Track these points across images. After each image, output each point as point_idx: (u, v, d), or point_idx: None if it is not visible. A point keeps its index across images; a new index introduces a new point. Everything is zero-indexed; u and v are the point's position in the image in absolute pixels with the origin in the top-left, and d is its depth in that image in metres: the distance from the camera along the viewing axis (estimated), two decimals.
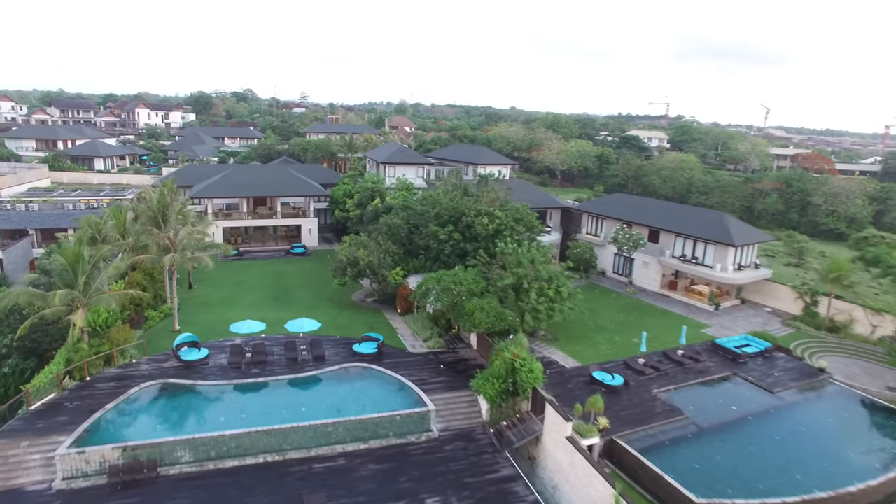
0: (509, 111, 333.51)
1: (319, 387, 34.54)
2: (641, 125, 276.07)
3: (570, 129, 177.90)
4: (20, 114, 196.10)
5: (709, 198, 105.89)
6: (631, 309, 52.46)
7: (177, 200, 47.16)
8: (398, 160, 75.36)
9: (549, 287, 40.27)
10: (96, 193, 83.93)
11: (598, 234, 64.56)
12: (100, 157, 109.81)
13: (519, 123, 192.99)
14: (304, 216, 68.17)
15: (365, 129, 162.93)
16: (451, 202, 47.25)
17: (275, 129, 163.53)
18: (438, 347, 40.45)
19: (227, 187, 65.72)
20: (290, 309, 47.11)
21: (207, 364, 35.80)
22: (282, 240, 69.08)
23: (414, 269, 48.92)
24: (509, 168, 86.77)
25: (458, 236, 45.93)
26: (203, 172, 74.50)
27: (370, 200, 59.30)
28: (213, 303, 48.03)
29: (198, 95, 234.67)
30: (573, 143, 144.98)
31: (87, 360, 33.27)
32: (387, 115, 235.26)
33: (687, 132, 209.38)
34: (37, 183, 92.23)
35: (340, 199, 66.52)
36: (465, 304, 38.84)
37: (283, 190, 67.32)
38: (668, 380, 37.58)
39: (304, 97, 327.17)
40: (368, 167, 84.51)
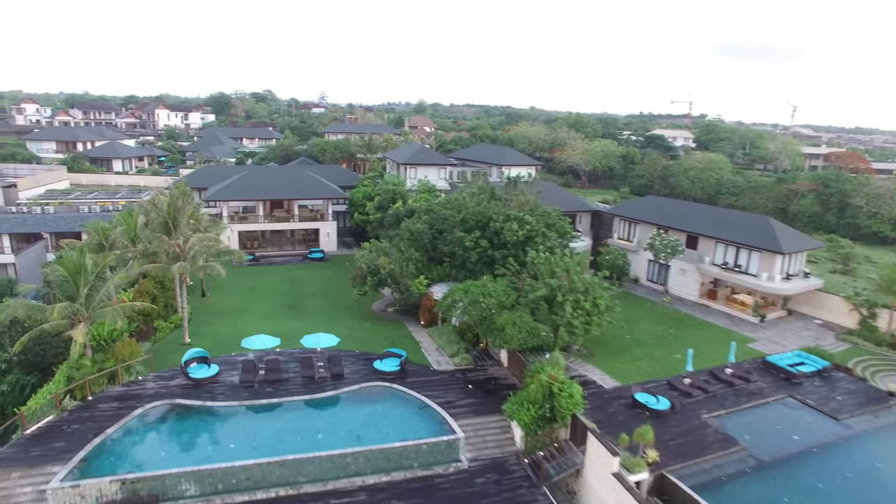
0: (529, 111, 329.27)
1: (337, 409, 31.78)
2: (665, 124, 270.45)
3: (593, 128, 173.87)
4: (44, 116, 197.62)
5: (739, 199, 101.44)
6: (669, 320, 48.98)
7: (189, 204, 44.92)
8: (419, 161, 72.54)
9: (586, 299, 37.12)
10: (112, 195, 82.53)
11: (631, 240, 61.06)
12: (118, 158, 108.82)
13: (540, 123, 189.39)
14: (323, 219, 65.70)
15: (384, 128, 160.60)
16: (477, 206, 44.23)
17: (293, 129, 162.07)
18: (466, 364, 37.48)
19: (242, 190, 63.50)
20: (307, 319, 44.55)
21: (217, 382, 33.26)
22: (299, 244, 66.69)
23: (438, 277, 46.02)
24: (534, 169, 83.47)
25: (485, 243, 42.93)
26: (219, 174, 72.49)
27: (391, 204, 56.56)
28: (225, 312, 45.63)
29: (217, 96, 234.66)
30: (597, 142, 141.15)
31: (90, 377, 30.93)
32: (406, 114, 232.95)
33: (713, 131, 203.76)
34: (55, 185, 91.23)
35: (360, 202, 63.92)
36: (494, 318, 35.84)
37: (300, 192, 64.92)
38: (718, 403, 34.14)
39: (322, 97, 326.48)
40: (388, 168, 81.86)
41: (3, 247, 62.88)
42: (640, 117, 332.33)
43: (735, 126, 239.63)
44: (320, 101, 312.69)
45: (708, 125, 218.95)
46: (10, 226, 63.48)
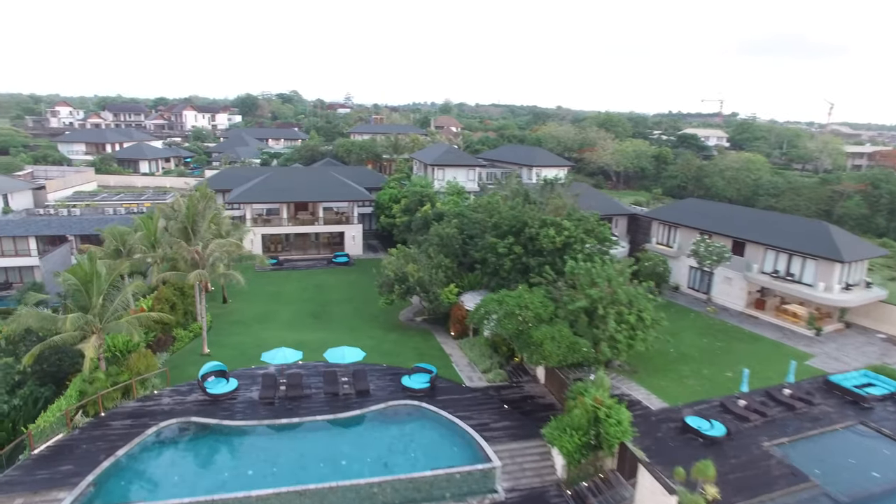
0: (555, 110, 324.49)
1: (363, 430, 29.51)
2: (695, 123, 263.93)
3: (623, 128, 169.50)
4: (77, 118, 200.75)
5: (779, 201, 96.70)
6: (715, 332, 45.68)
7: (210, 208, 43.28)
8: (448, 162, 70.14)
9: (630, 312, 34.26)
10: (138, 197, 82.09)
11: (671, 245, 57.72)
12: (145, 159, 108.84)
13: (567, 122, 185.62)
14: (348, 222, 63.75)
15: (410, 129, 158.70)
16: (511, 210, 41.62)
17: (319, 129, 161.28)
18: (500, 381, 34.92)
19: (266, 192, 61.92)
20: (331, 328, 42.51)
21: (236, 398, 31.30)
22: (324, 247, 64.87)
23: (469, 285, 43.56)
24: (565, 170, 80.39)
25: (519, 249, 40.30)
26: (243, 175, 71.17)
27: (419, 206, 54.29)
28: (247, 320, 43.86)
29: (244, 97, 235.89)
30: (628, 142, 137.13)
31: (103, 392, 29.23)
32: (432, 115, 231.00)
33: (747, 130, 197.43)
34: (83, 186, 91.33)
35: (386, 205, 61.81)
36: (531, 333, 33.21)
37: (325, 194, 63.09)
38: (780, 429, 30.90)
39: (348, 98, 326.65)
40: (415, 169, 79.69)
41: (30, 249, 62.50)
42: (669, 116, 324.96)
43: (770, 124, 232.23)
44: (346, 102, 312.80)
45: (742, 124, 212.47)
46: (37, 228, 63.07)
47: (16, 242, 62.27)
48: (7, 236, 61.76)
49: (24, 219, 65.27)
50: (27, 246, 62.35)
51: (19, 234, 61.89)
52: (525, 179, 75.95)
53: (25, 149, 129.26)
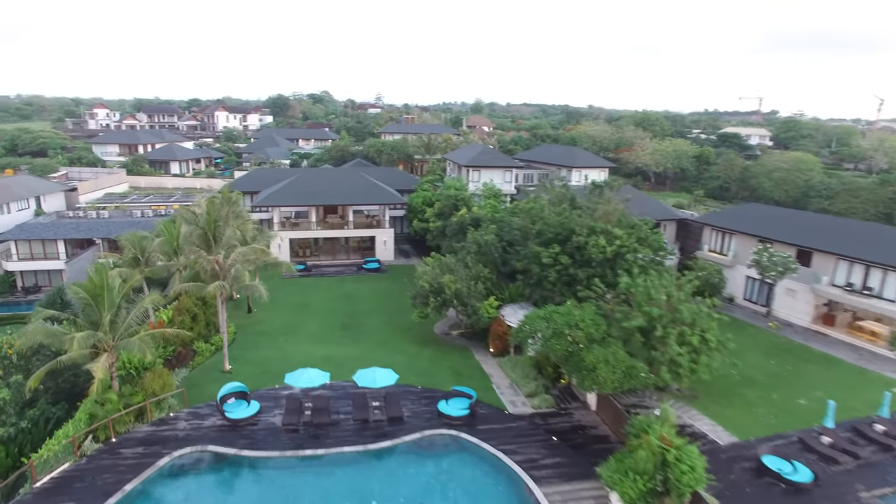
0: (587, 109, 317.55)
1: (395, 464, 26.41)
2: (734, 122, 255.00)
3: (661, 126, 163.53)
4: (113, 120, 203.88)
5: (833, 203, 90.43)
6: (780, 351, 41.34)
7: (234, 212, 40.87)
8: (483, 163, 66.74)
9: (692, 332, 30.42)
10: (167, 199, 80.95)
11: (725, 253, 53.30)
12: (175, 160, 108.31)
13: (601, 121, 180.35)
14: (379, 226, 60.92)
15: (442, 128, 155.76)
16: (557, 217, 38.05)
17: (349, 129, 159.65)
18: (546, 407, 31.45)
19: (294, 194, 59.52)
20: (361, 342, 39.63)
21: (258, 423, 28.58)
22: (353, 252, 62.18)
23: (509, 296, 40.18)
24: (606, 171, 76.27)
25: (565, 259, 36.73)
26: (272, 177, 69.03)
27: (453, 211, 51.08)
28: (272, 332, 41.30)
29: (276, 98, 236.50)
30: (668, 142, 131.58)
31: (115, 416, 26.82)
32: (463, 114, 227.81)
33: (793, 128, 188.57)
34: (114, 188, 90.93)
35: (419, 208, 58.79)
36: (583, 355, 29.66)
37: (355, 197, 60.38)
38: (878, 475, 26.69)
39: (379, 98, 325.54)
40: (449, 171, 76.56)
41: (59, 252, 61.50)
42: (706, 115, 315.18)
43: (817, 122, 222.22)
44: (377, 102, 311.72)
45: (787, 122, 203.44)
46: (65, 231, 62.03)
47: (45, 245, 61.33)
48: (36, 239, 60.86)
49: (54, 221, 64.35)
50: (56, 249, 61.36)
51: (48, 238, 60.92)
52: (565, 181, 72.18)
53: (63, 150, 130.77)
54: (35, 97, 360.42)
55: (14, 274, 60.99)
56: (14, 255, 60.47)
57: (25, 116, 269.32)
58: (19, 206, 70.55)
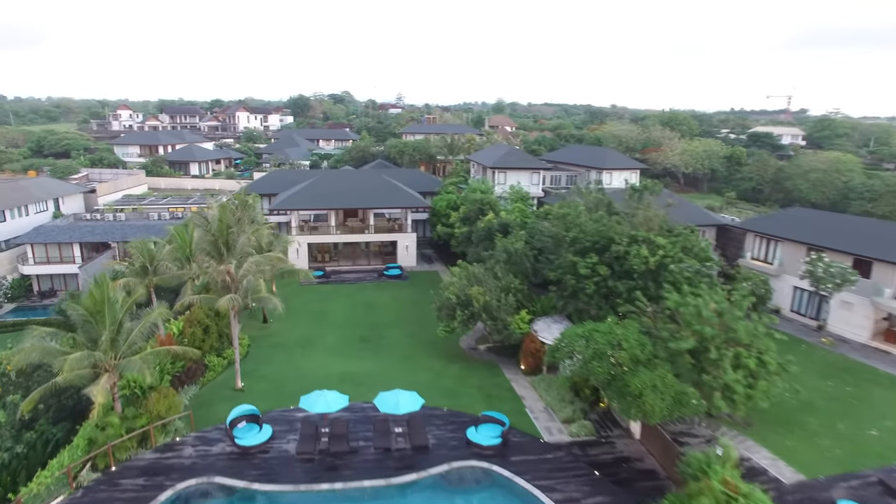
0: (610, 109, 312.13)
1: (420, 500, 23.76)
2: (764, 121, 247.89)
3: (689, 126, 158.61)
4: (136, 121, 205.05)
5: (876, 206, 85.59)
6: (837, 370, 37.82)
7: (249, 217, 38.67)
8: (510, 165, 63.80)
9: (749, 355, 27.27)
10: (185, 200, 79.48)
11: (770, 261, 49.71)
12: (195, 161, 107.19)
13: (626, 121, 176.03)
14: (401, 231, 58.38)
15: (464, 128, 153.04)
16: (595, 224, 35.04)
17: (370, 130, 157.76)
18: (585, 434, 28.54)
19: (313, 197, 57.29)
20: (382, 357, 37.09)
21: (270, 450, 26.16)
22: (374, 257, 59.75)
23: (541, 309, 37.31)
24: (637, 173, 72.80)
25: (604, 270, 33.73)
26: (291, 179, 66.99)
27: (479, 215, 48.31)
28: (288, 344, 38.97)
29: (297, 98, 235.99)
30: (697, 142, 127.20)
31: (115, 442, 24.62)
32: (485, 114, 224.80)
33: (828, 127, 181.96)
34: (132, 190, 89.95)
35: (443, 212, 56.13)
36: (628, 380, 26.70)
37: (376, 200, 57.93)
38: None
39: (400, 98, 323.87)
40: (473, 172, 73.78)
41: (74, 256, 60.15)
42: (733, 114, 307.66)
43: (854, 121, 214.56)
44: (397, 102, 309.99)
45: (821, 121, 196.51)
46: (80, 234, 60.64)
47: (60, 249, 60.07)
48: (52, 243, 59.60)
49: (70, 224, 63.06)
50: (71, 252, 60.05)
51: (64, 241, 59.61)
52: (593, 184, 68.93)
53: (86, 152, 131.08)
54: (64, 99, 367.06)
55: (30, 278, 59.85)
56: (30, 258, 59.28)
57: (53, 118, 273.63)
58: (38, 208, 69.58)
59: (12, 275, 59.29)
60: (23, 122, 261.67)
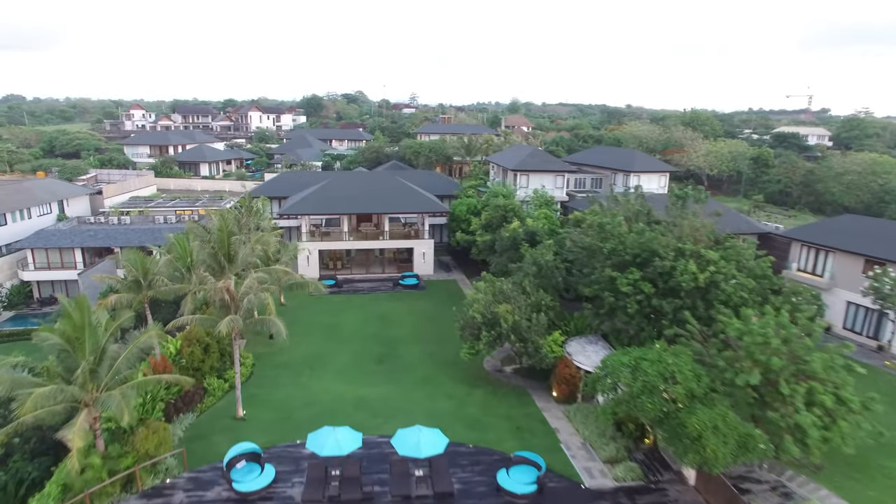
0: (625, 109, 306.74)
1: None
2: (786, 121, 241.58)
3: (712, 126, 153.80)
4: (149, 121, 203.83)
5: None
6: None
7: (254, 223, 35.50)
8: (532, 167, 60.10)
9: (824, 390, 23.52)
10: (193, 203, 76.73)
11: (820, 273, 45.66)
12: (205, 162, 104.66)
13: (645, 121, 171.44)
14: (417, 237, 54.95)
15: (480, 129, 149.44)
16: (637, 236, 31.32)
17: (384, 130, 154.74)
18: (632, 479, 24.91)
19: (325, 201, 54.05)
20: (399, 380, 33.71)
21: (272, 496, 22.85)
22: (389, 265, 56.38)
23: (575, 328, 33.72)
24: (667, 176, 68.90)
25: (648, 288, 30.06)
26: (302, 181, 63.87)
27: (503, 223, 44.75)
28: (296, 364, 35.70)
29: (310, 98, 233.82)
30: (721, 142, 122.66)
31: (94, 489, 21.43)
32: (500, 114, 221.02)
33: (857, 127, 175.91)
34: (140, 191, 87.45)
35: (462, 217, 52.65)
36: (684, 419, 23.06)
37: (392, 204, 54.53)
38: None
39: (413, 98, 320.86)
40: (492, 174, 70.18)
41: (76, 261, 57.50)
42: (752, 114, 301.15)
43: (880, 121, 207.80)
44: (411, 102, 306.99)
45: (849, 120, 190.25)
46: (82, 239, 57.91)
47: (62, 254, 57.43)
48: (53, 247, 56.97)
49: (71, 228, 60.39)
50: (73, 258, 57.39)
51: (65, 246, 56.95)
52: (619, 188, 65.12)
53: (96, 152, 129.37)
54: (82, 100, 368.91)
55: (30, 284, 57.27)
56: (30, 263, 56.71)
57: (68, 118, 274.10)
58: (41, 210, 67.16)
59: (12, 281, 56.74)
60: (39, 122, 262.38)
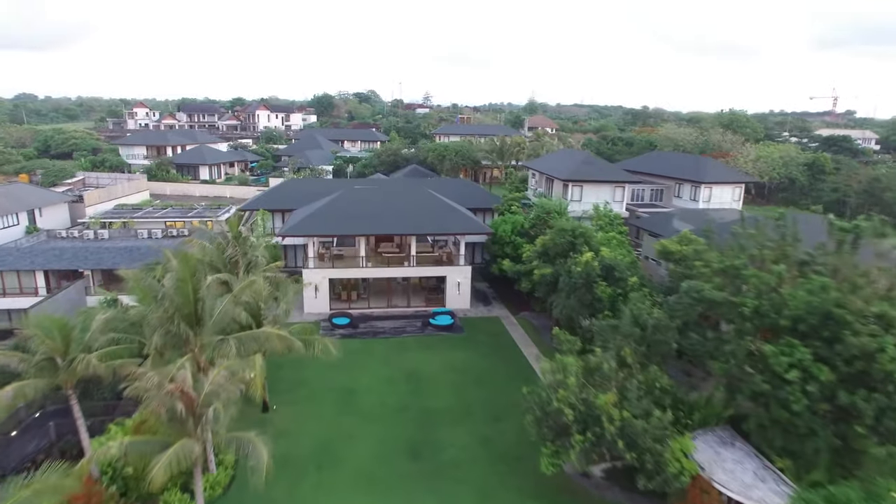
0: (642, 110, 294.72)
1: None
2: (816, 123, 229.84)
3: (753, 129, 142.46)
4: (153, 120, 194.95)
5: None
6: None
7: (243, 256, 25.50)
8: (588, 176, 49.39)
9: None
10: (186, 213, 66.84)
11: None
12: (205, 165, 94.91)
13: (682, 123, 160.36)
14: (451, 263, 44.53)
15: (502, 129, 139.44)
16: (808, 294, 20.74)
17: (399, 130, 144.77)
18: None
19: (336, 218, 43.71)
20: (444, 493, 23.37)
21: None
22: (415, 294, 45.91)
23: (701, 419, 23.23)
24: (742, 189, 58.15)
25: (824, 374, 19.58)
26: (310, 190, 53.68)
27: (570, 251, 34.22)
28: (297, 458, 25.44)
29: (321, 97, 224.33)
30: (771, 146, 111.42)
31: None
32: (517, 115, 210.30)
33: None
34: (129, 198, 77.61)
35: (507, 239, 42.27)
36: None
37: (421, 223, 43.92)
38: None
39: (427, 98, 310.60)
40: (532, 183, 59.67)
41: (37, 286, 47.77)
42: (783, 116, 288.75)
43: None
44: (425, 102, 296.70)
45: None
46: (45, 260, 47.89)
47: (20, 277, 47.62)
48: (9, 270, 47.15)
49: (33, 246, 50.61)
50: (33, 282, 47.60)
51: (23, 268, 47.11)
52: (685, 203, 54.54)
53: (91, 152, 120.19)
54: (93, 99, 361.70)
55: None
56: None
57: (73, 117, 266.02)
58: (5, 222, 57.55)
59: None
60: (44, 120, 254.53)
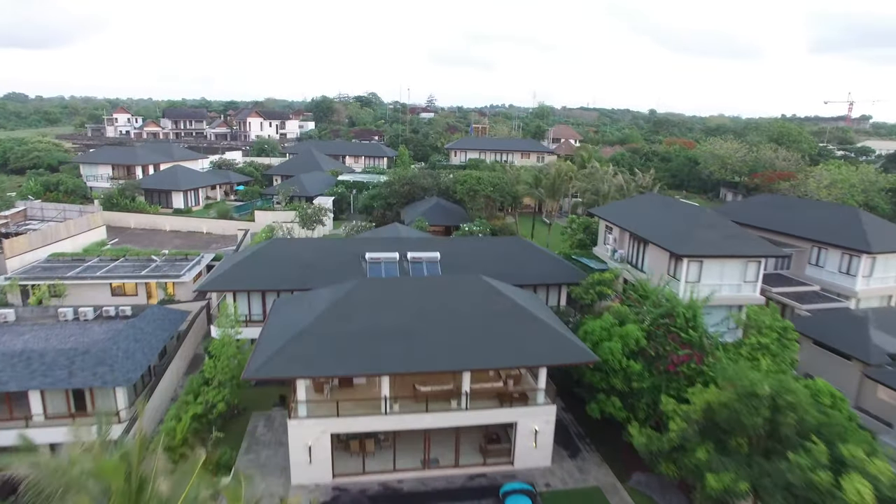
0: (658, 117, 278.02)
1: None
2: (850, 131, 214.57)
3: (808, 143, 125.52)
4: (134, 126, 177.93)
5: None
6: None
7: None
8: (716, 250, 33.08)
9: None
10: (142, 268, 50.06)
11: None
12: (178, 191, 78.22)
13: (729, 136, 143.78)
14: (524, 402, 28.09)
15: (531, 144, 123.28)
16: None
17: (406, 142, 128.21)
18: None
19: (342, 345, 26.90)
20: None
21: None
22: (465, 446, 29.21)
23: None
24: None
25: None
26: (300, 260, 37.14)
27: (755, 409, 17.94)
28: None
29: (319, 100, 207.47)
30: (846, 168, 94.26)
31: None
32: (529, 120, 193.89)
33: None
34: (78, 238, 60.77)
35: (618, 366, 25.95)
36: None
37: (481, 349, 27.30)
38: None
39: (431, 101, 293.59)
40: (611, 242, 43.20)
41: None
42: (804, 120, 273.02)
43: None
44: (428, 105, 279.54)
45: None
46: None
47: None
48: None
49: None
50: None
51: None
52: (830, 276, 38.44)
53: (50, 169, 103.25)
54: (85, 99, 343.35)
55: None
56: None
57: (53, 121, 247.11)
58: None
59: None
60: (24, 123, 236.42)
